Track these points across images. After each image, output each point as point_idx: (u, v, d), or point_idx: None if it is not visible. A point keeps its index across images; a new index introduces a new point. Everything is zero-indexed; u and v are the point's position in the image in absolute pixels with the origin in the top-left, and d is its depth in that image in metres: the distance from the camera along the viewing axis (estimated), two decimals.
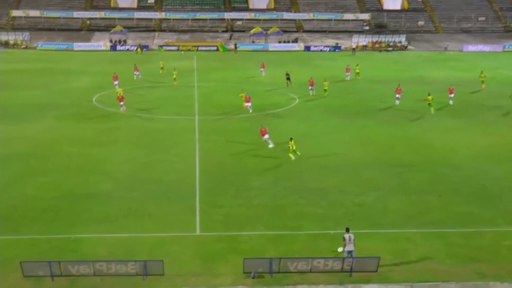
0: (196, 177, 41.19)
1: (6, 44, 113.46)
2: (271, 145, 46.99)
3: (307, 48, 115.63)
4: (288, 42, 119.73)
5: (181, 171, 42.28)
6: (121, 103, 60.03)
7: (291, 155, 44.54)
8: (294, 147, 44.58)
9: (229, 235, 32.28)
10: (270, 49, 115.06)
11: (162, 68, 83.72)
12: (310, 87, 69.39)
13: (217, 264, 29.12)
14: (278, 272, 28.08)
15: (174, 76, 76.04)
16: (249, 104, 59.95)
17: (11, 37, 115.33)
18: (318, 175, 41.58)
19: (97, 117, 58.23)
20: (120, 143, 49.55)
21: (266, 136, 47.28)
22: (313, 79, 70.21)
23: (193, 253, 30.15)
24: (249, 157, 45.50)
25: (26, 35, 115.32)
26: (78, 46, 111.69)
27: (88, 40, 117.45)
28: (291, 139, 44.94)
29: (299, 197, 37.57)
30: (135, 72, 79.73)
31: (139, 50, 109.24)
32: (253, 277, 27.91)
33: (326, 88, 68.98)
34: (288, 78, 74.48)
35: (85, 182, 39.94)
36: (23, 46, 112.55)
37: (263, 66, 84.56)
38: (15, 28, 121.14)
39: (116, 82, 71.13)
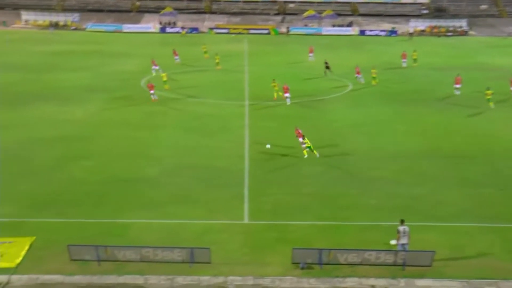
0: (245, 163, 41.29)
1: (56, 26, 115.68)
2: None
3: (362, 33, 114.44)
4: (342, 26, 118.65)
5: (229, 157, 42.45)
6: (152, 91, 58.39)
7: (305, 152, 42.38)
8: (310, 144, 42.31)
9: (278, 224, 32.28)
10: (323, 33, 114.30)
11: (205, 52, 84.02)
12: (356, 75, 68.58)
13: (265, 253, 29.15)
14: (328, 264, 27.96)
15: (216, 61, 76.17)
16: (288, 95, 57.27)
17: (61, 18, 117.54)
18: (371, 164, 41.17)
19: (144, 100, 58.85)
20: (168, 127, 50.01)
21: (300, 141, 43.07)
22: (358, 67, 69.37)
23: (240, 241, 30.26)
24: (300, 144, 45.34)
25: (76, 16, 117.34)
26: (128, 28, 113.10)
27: (137, 22, 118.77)
28: (303, 136, 42.88)
29: (350, 187, 37.28)
30: (175, 57, 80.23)
31: (183, 33, 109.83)
32: (302, 268, 27.85)
33: (375, 75, 67.94)
34: (327, 67, 72.36)
35: (132, 167, 40.47)
36: (72, 28, 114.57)
37: (311, 51, 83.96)
38: (65, 9, 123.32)
39: (154, 67, 71.23)
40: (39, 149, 43.95)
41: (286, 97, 57.60)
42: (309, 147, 42.20)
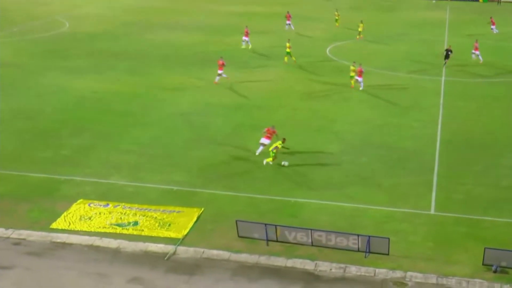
0: (436, 147, 40.16)
1: None
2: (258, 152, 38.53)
3: None
4: None
5: (419, 139, 41.50)
6: (220, 71, 53.14)
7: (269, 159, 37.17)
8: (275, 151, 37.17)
9: (470, 218, 31.05)
10: None
11: (336, 20, 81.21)
12: (474, 51, 62.91)
13: (452, 250, 28.20)
14: None
15: (359, 29, 73.53)
16: (361, 79, 52.14)
17: None
18: None
19: (329, 70, 58.97)
20: (352, 101, 49.81)
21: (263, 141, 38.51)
22: (477, 43, 63.54)
23: (425, 234, 29.50)
24: (501, 128, 43.20)
25: None
26: None
27: None
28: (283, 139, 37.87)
29: None
30: (287, 22, 78.90)
31: None
32: (495, 271, 26.60)
33: None
34: (447, 56, 60.91)
35: (311, 141, 40.82)
36: None
37: (493, 23, 79.39)
38: None
39: (245, 38, 68.15)
40: (215, 115, 45.68)
41: (359, 81, 52.45)
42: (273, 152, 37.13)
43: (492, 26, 79.32)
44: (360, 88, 51.89)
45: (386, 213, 31.48)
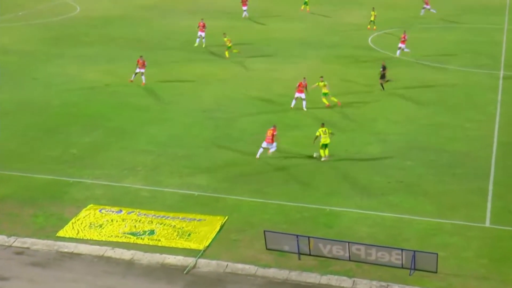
0: (492, 150, 39.90)
1: None
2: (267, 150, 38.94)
3: None
4: None
5: (473, 141, 41.24)
6: (140, 69, 51.86)
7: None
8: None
9: None
10: None
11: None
12: None
13: (509, 268, 27.85)
14: None
15: (371, 18, 72.22)
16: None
17: None
18: None
19: (370, 61, 58.76)
20: (395, 96, 49.59)
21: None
22: None
23: (478, 249, 29.21)
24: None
25: None
26: None
27: None
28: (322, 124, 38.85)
29: None
30: (243, 7, 78.32)
31: None
32: None
33: None
34: (383, 76, 51.15)
35: (349, 142, 40.70)
36: None
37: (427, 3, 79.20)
38: None
39: (200, 34, 65.26)
40: (242, 112, 45.72)
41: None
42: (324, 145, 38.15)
43: (426, 6, 79.39)
44: (304, 109, 46.76)
45: (433, 225, 31.24)
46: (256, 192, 34.15)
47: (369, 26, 71.56)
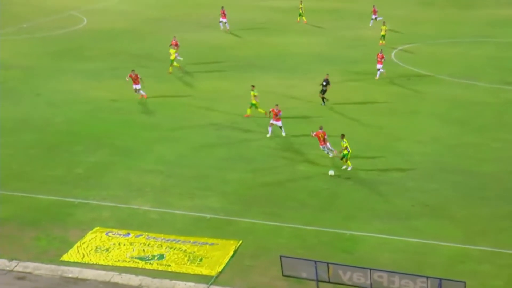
0: None
1: None
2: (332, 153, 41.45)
3: None
4: None
5: (503, 162, 41.20)
6: (136, 86, 52.41)
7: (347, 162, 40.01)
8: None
9: None
10: None
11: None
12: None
13: None
14: None
15: (382, 33, 72.02)
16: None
17: None
18: None
19: (394, 77, 58.82)
20: (422, 114, 49.62)
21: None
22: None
23: (509, 278, 29.09)
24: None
25: None
26: None
27: None
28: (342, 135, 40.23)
29: None
30: (223, 19, 78.80)
31: None
32: None
33: None
34: (323, 90, 52.19)
35: (371, 163, 40.71)
36: None
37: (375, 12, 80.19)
38: None
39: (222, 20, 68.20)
40: (256, 129, 45.85)
41: None
42: (345, 156, 39.93)
43: (374, 15, 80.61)
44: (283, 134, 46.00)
45: (461, 251, 31.22)
46: (271, 215, 34.29)
47: (380, 41, 71.34)
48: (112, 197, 36.05)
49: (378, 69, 58.70)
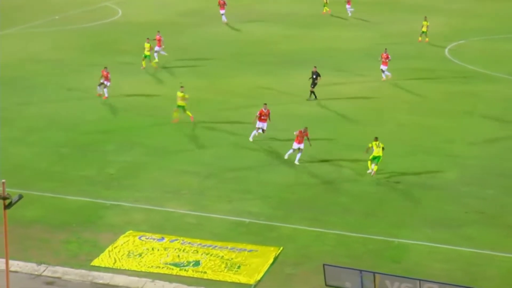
0: None
1: None
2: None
3: None
4: None
5: None
6: (106, 82, 52.46)
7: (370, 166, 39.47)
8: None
9: None
10: None
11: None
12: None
13: None
14: None
15: (423, 29, 70.55)
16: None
17: None
18: None
19: (449, 75, 58.56)
20: (476, 115, 49.37)
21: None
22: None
23: None
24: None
25: None
26: None
27: None
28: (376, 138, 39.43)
29: None
30: (221, 11, 79.02)
31: None
32: None
33: None
34: (313, 83, 53.37)
35: (421, 166, 40.53)
36: None
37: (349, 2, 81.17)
38: None
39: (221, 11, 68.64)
40: (296, 129, 45.64)
41: None
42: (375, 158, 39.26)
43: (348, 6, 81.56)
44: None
45: None
46: (313, 221, 34.26)
47: (420, 38, 70.56)
48: (145, 199, 36.24)
49: (383, 71, 57.71)
